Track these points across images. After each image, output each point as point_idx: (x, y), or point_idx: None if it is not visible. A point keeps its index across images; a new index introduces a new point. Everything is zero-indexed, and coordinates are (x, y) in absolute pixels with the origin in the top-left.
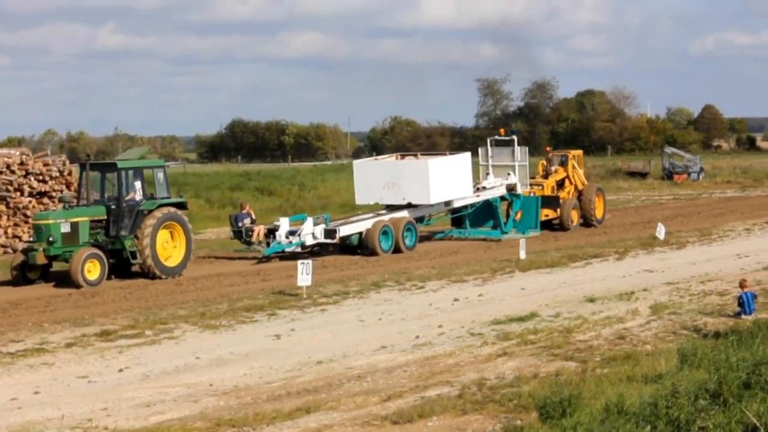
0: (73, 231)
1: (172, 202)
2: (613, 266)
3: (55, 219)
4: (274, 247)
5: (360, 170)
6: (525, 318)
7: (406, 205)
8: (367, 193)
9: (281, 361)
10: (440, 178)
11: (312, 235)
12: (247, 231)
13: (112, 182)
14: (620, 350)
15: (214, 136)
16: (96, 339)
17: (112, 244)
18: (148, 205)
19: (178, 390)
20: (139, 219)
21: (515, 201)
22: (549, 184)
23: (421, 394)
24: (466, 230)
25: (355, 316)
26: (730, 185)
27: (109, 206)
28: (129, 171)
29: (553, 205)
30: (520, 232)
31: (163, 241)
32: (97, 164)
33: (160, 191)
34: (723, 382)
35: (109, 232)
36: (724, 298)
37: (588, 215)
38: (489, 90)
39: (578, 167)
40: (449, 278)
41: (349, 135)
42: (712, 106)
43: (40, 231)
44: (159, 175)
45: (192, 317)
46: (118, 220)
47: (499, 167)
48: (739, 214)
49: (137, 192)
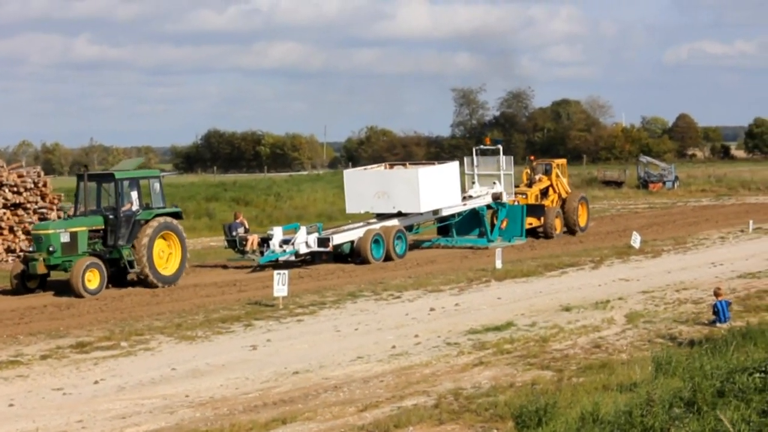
0: (72, 241)
1: (168, 212)
2: (588, 275)
3: (55, 229)
4: (268, 255)
5: (350, 179)
6: (501, 327)
7: (397, 214)
8: (357, 202)
9: (258, 372)
10: (430, 186)
11: (305, 243)
12: (241, 240)
13: (109, 192)
14: (596, 359)
15: (189, 147)
16: (71, 351)
17: (110, 254)
18: (144, 215)
19: (154, 402)
20: (136, 228)
21: (501, 209)
22: (533, 192)
23: (398, 404)
24: (453, 238)
25: (332, 326)
26: (704, 194)
27: (106, 216)
28: (126, 181)
29: (538, 214)
30: (506, 240)
31: (160, 250)
32: (95, 175)
33: (156, 201)
34: (697, 390)
35: (107, 242)
36: (698, 306)
37: (571, 223)
38: (465, 99)
39: (562, 176)
40: (425, 288)
41: (325, 145)
42: (686, 115)
43: (40, 241)
44: (155, 186)
45: (168, 328)
46: (115, 229)
47: (484, 176)
48: (713, 222)
49: (134, 202)
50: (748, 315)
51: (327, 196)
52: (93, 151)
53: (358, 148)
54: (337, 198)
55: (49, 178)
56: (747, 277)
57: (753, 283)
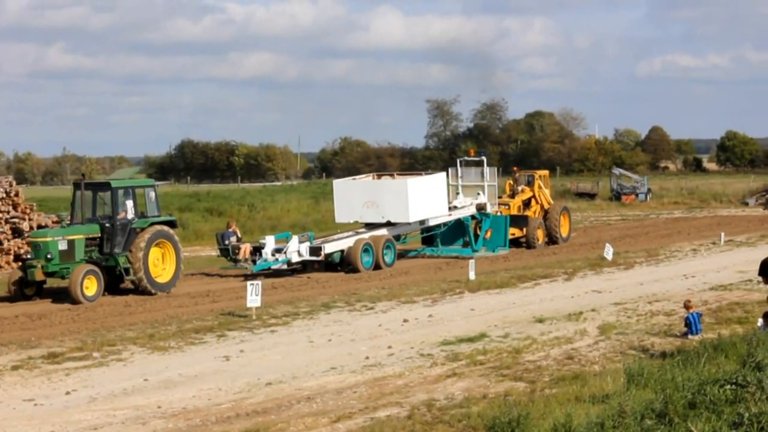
0: (69, 248)
1: (162, 221)
2: (561, 287)
3: (53, 237)
4: (261, 264)
5: (340, 189)
6: (474, 338)
7: (386, 224)
8: (347, 212)
9: (230, 383)
10: (418, 197)
11: (297, 252)
12: (234, 249)
13: (105, 201)
14: (568, 370)
15: (163, 157)
16: (43, 361)
17: (106, 261)
18: (140, 224)
19: (126, 412)
20: (132, 237)
21: (485, 220)
22: (516, 203)
23: (371, 415)
24: (438, 248)
25: (305, 337)
26: (677, 206)
27: (102, 224)
28: (121, 190)
29: (521, 224)
30: (490, 250)
31: (155, 258)
32: (91, 184)
33: (152, 210)
34: (669, 402)
35: (103, 250)
36: (671, 318)
37: (553, 233)
38: (439, 111)
39: (544, 187)
40: (399, 299)
41: (299, 156)
42: (659, 127)
43: (38, 248)
44: (150, 194)
45: (140, 339)
46: (111, 237)
47: (468, 187)
48: (685, 234)
49: (129, 211)
50: (720, 327)
51: (301, 207)
52: (66, 160)
53: (332, 158)
54: (311, 209)
55: (21, 187)
56: (719, 289)
57: (725, 296)
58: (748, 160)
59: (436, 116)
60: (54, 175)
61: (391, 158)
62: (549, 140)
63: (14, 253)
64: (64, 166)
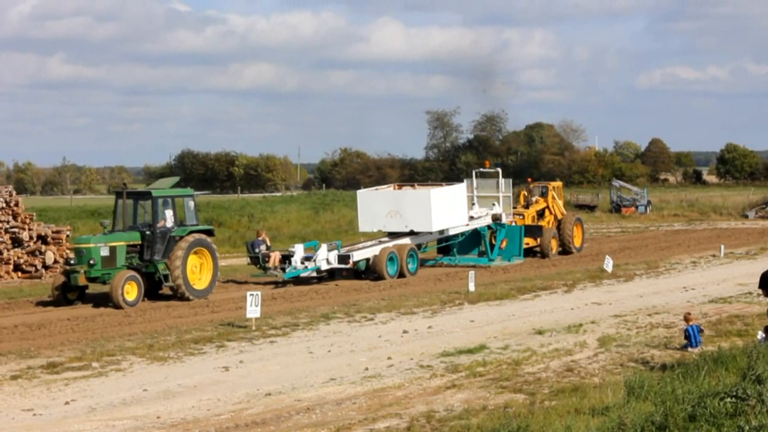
0: (111, 255)
1: (200, 229)
2: (561, 298)
3: (96, 243)
4: (291, 272)
5: (363, 199)
6: (474, 350)
7: (408, 233)
8: (370, 221)
9: (229, 393)
10: (440, 207)
11: (326, 260)
12: (264, 257)
13: (146, 209)
14: (568, 382)
15: (163, 167)
16: (42, 371)
17: (146, 268)
18: (179, 232)
19: (125, 423)
20: (171, 244)
21: (500, 230)
22: (530, 213)
23: (370, 426)
24: (455, 258)
25: (305, 347)
26: (677, 218)
27: (143, 232)
28: (161, 199)
29: (536, 234)
30: (506, 259)
31: (193, 266)
32: (132, 192)
33: (190, 219)
34: (669, 415)
35: (143, 256)
36: (670, 330)
37: (567, 244)
38: (439, 122)
39: (557, 198)
40: (399, 310)
41: (299, 166)
42: (659, 140)
43: (81, 254)
44: (189, 204)
45: (140, 349)
46: (151, 245)
47: (483, 198)
48: (685, 247)
49: (168, 219)
50: (720, 340)
51: (300, 218)
52: (66, 170)
53: (332, 169)
54: (311, 220)
55: (21, 197)
56: (718, 301)
57: (724, 308)
58: (748, 172)
59: (436, 128)
60: (54, 185)
61: (390, 169)
62: (549, 152)
63: (14, 263)
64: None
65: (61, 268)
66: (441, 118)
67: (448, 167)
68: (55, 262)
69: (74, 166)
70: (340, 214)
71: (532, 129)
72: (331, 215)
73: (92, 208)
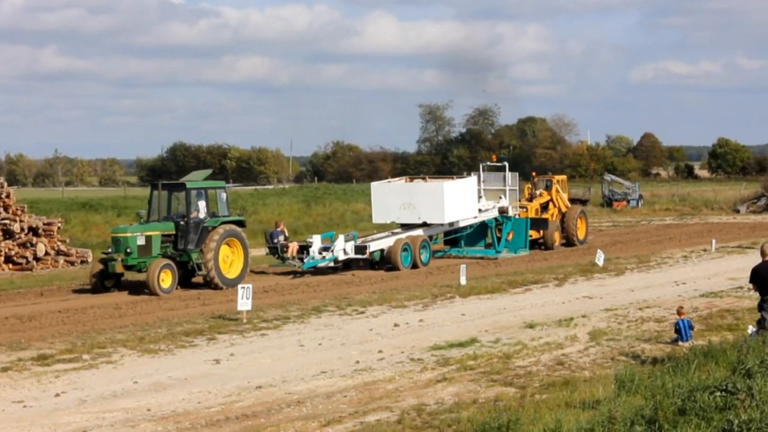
0: (147, 244)
1: (232, 220)
2: (552, 292)
3: (132, 233)
4: (309, 262)
5: (377, 192)
6: (465, 344)
7: (421, 224)
8: (384, 213)
9: (220, 386)
10: (453, 199)
11: (343, 251)
12: (282, 247)
13: (180, 201)
14: (559, 376)
15: (155, 160)
16: (32, 363)
17: (180, 257)
18: (211, 222)
19: (115, 415)
20: (204, 234)
21: (506, 222)
22: (534, 206)
23: (361, 419)
24: (464, 249)
25: (295, 340)
26: (668, 213)
27: (177, 222)
28: (195, 191)
29: (542, 227)
30: (512, 251)
31: (225, 255)
32: (167, 184)
33: (222, 210)
34: (659, 409)
35: (177, 246)
36: (661, 324)
37: (571, 236)
38: (431, 116)
39: (561, 191)
40: (390, 303)
41: (291, 159)
42: (651, 134)
43: (118, 243)
44: (222, 195)
45: (130, 341)
46: (185, 235)
47: (490, 191)
48: (677, 241)
49: (201, 210)
50: (710, 334)
51: (292, 211)
52: (57, 162)
53: (324, 162)
54: (303, 213)
55: (12, 189)
56: (709, 296)
57: (715, 303)
58: (740, 167)
59: (428, 121)
60: (45, 176)
61: (383, 163)
62: (541, 146)
63: (5, 254)
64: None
65: (93, 257)
66: (433, 112)
67: (441, 161)
68: (46, 254)
69: (66, 158)
70: (332, 208)
71: (525, 123)
72: (323, 208)
73: (83, 200)
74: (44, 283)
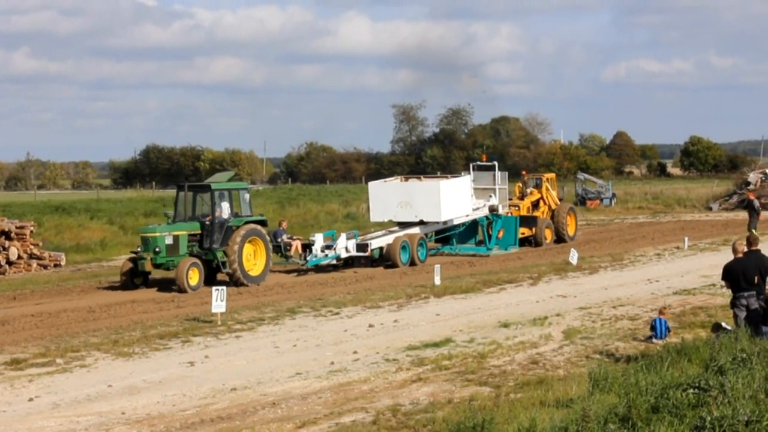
0: (174, 243)
1: (255, 220)
2: (526, 291)
3: (161, 232)
4: (313, 260)
5: (374, 191)
6: (440, 343)
7: (418, 222)
8: (381, 211)
9: (195, 389)
10: (448, 198)
11: (345, 248)
12: (285, 246)
13: (205, 201)
14: (533, 375)
15: (128, 162)
16: (5, 368)
17: (205, 255)
18: (235, 222)
19: (89, 419)
20: (228, 234)
21: (497, 220)
22: (524, 204)
23: (336, 420)
24: (455, 247)
25: (270, 342)
26: (641, 211)
27: (202, 222)
28: (219, 192)
29: (530, 224)
30: (503, 248)
31: (248, 254)
32: (193, 186)
33: (245, 210)
34: (632, 406)
35: (203, 245)
36: (635, 322)
37: (561, 233)
38: (405, 116)
39: (551, 189)
40: (364, 304)
41: (264, 161)
42: (623, 132)
43: (147, 242)
44: (245, 196)
45: (104, 345)
46: (210, 234)
47: (480, 190)
48: (650, 239)
49: (224, 210)
50: (683, 331)
51: (266, 212)
52: (30, 165)
53: (298, 163)
54: (277, 214)
55: None
56: (682, 293)
57: (688, 300)
58: (712, 165)
59: (402, 121)
60: (18, 180)
61: (357, 163)
62: (515, 145)
63: None
64: (28, 171)
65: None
66: (407, 112)
67: (414, 161)
68: (18, 258)
69: (38, 161)
70: (306, 209)
71: (498, 122)
72: (297, 210)
73: (56, 203)
74: (17, 287)
